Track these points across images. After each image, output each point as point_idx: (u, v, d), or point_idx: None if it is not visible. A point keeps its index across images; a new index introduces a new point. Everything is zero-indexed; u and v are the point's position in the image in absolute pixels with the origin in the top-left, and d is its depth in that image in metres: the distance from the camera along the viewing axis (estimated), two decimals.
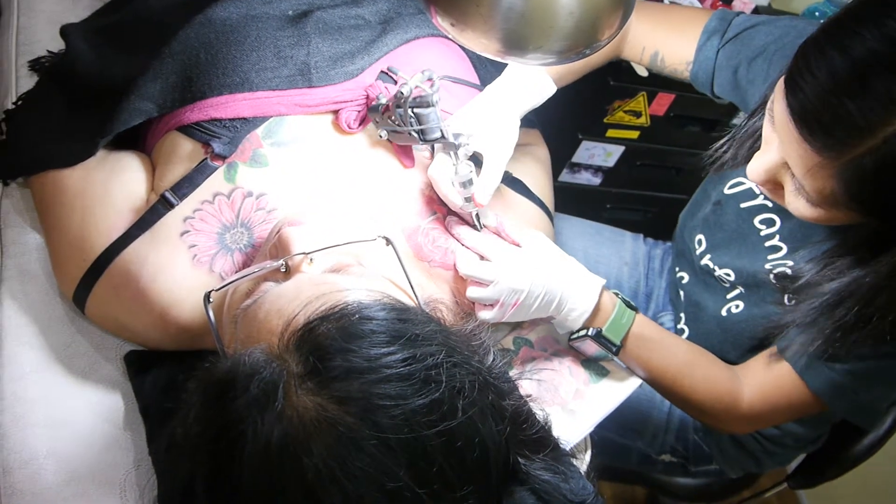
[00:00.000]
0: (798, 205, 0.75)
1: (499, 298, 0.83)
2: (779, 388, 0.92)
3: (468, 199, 0.83)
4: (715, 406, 0.94)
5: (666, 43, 1.03)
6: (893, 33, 0.63)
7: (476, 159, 0.85)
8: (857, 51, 0.64)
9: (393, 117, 0.82)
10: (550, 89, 0.93)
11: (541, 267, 0.85)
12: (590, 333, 0.88)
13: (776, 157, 0.75)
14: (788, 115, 0.68)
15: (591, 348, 0.91)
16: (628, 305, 0.91)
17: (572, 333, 0.91)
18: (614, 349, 0.89)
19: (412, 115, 0.80)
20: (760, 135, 0.80)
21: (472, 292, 0.84)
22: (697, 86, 1.04)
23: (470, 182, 0.82)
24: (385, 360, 0.53)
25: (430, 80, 0.81)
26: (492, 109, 0.88)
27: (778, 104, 0.71)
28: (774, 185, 0.79)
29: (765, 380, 0.93)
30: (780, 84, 0.70)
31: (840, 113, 0.64)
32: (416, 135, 0.81)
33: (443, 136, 0.81)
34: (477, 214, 0.86)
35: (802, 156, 0.69)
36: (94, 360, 0.83)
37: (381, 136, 0.82)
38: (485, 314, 0.85)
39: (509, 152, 0.87)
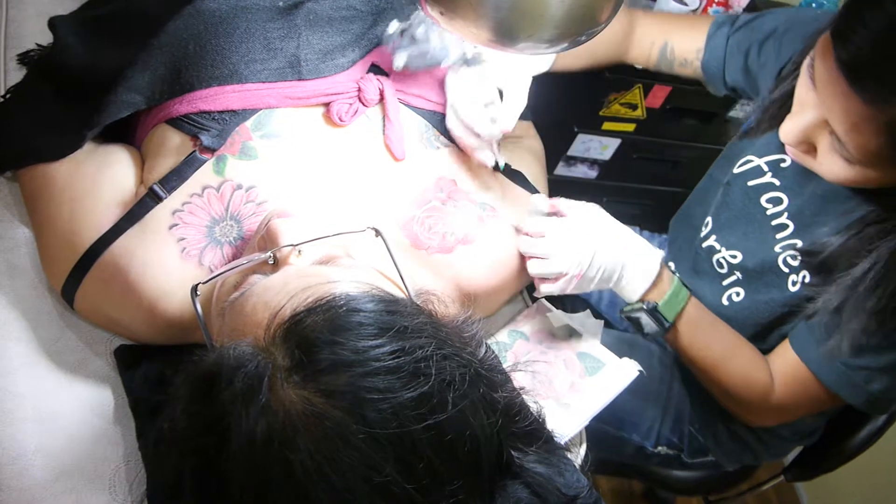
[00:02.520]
0: (832, 165, 0.74)
1: (562, 270, 0.83)
2: (799, 382, 0.92)
3: (492, 122, 0.81)
4: (748, 396, 0.94)
5: (675, 33, 1.04)
6: None
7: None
8: None
9: (414, 34, 0.79)
10: (544, 65, 0.92)
11: (603, 236, 0.85)
12: (646, 307, 0.88)
13: (813, 117, 0.74)
14: (837, 67, 0.68)
15: (642, 321, 0.91)
16: (684, 285, 0.91)
17: (626, 306, 0.90)
18: (667, 325, 0.89)
19: (432, 29, 0.77)
20: (782, 102, 0.79)
21: (533, 267, 0.84)
22: (708, 76, 1.04)
23: (492, 102, 0.80)
24: (373, 352, 0.52)
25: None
26: (504, 61, 0.86)
27: (822, 61, 0.70)
28: (808, 146, 0.78)
29: (786, 373, 0.93)
30: (823, 41, 0.70)
31: (893, 63, 0.64)
32: (437, 52, 0.78)
33: (465, 51, 0.78)
34: (498, 145, 0.84)
35: (849, 110, 0.69)
36: (83, 355, 0.82)
37: (397, 67, 0.80)
38: (546, 287, 0.85)
39: (528, 80, 0.85)
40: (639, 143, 1.63)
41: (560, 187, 1.62)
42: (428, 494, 0.51)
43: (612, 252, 0.85)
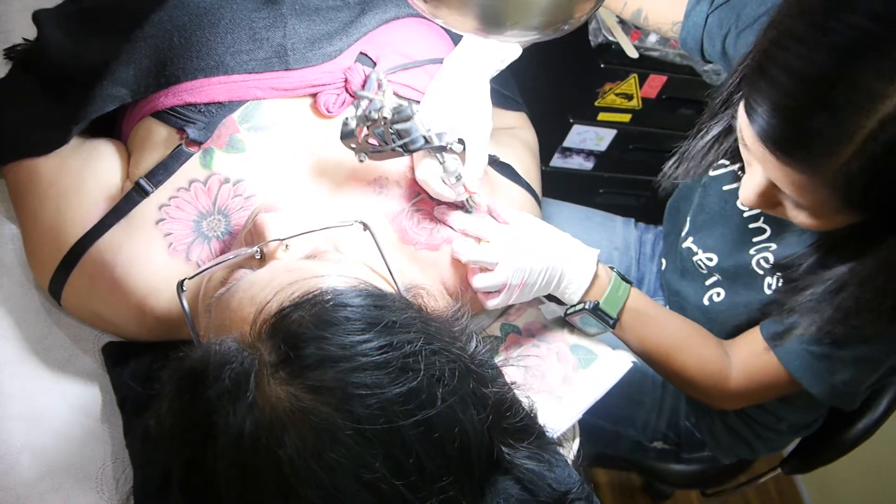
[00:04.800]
0: (801, 218, 0.73)
1: (505, 281, 0.82)
2: (760, 368, 0.92)
3: (459, 189, 0.81)
4: (705, 382, 0.94)
5: (650, 1, 1.01)
6: (836, 43, 0.60)
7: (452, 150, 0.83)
8: (798, 66, 0.62)
9: (371, 139, 0.78)
10: (515, 52, 0.90)
11: (539, 242, 0.84)
12: (587, 307, 0.87)
13: (763, 180, 0.73)
14: (760, 142, 0.66)
15: (587, 322, 0.90)
16: (623, 279, 0.91)
17: (568, 308, 0.90)
18: (611, 322, 0.88)
19: (393, 131, 0.77)
20: (706, 151, 0.78)
21: (479, 281, 0.83)
22: (686, 51, 1.02)
23: (460, 176, 0.80)
24: (360, 347, 0.52)
25: (378, 82, 0.79)
26: (459, 85, 0.84)
27: (746, 131, 0.69)
28: (773, 203, 0.77)
29: (748, 359, 0.93)
30: (742, 112, 0.68)
31: (810, 131, 0.62)
32: (399, 150, 0.78)
33: (427, 143, 0.78)
34: (468, 200, 0.84)
35: (787, 177, 0.68)
36: (71, 352, 0.81)
37: (360, 161, 0.78)
38: (493, 301, 0.84)
39: (489, 127, 0.85)
40: (635, 133, 1.62)
41: (556, 179, 1.62)
42: (417, 491, 0.50)
43: (552, 257, 0.84)
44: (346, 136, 0.78)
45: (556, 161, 1.66)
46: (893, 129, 0.59)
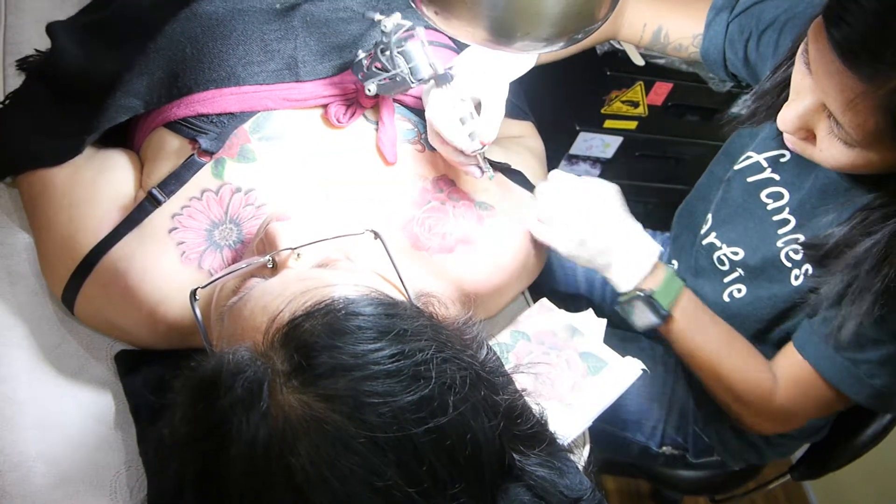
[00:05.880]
0: (833, 150, 0.74)
1: (564, 247, 0.85)
2: (802, 381, 0.91)
3: (472, 137, 0.81)
4: (749, 394, 0.93)
5: (669, 17, 1.01)
6: None
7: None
8: None
9: (378, 64, 0.78)
10: (530, 62, 0.91)
11: (606, 214, 0.86)
12: (641, 295, 0.87)
13: (810, 102, 0.74)
14: (831, 47, 0.67)
15: (637, 311, 0.91)
16: (677, 276, 0.91)
17: (620, 295, 0.90)
18: (664, 312, 0.88)
19: (398, 54, 0.77)
20: (780, 91, 0.78)
21: (538, 232, 0.87)
22: (708, 64, 1.02)
23: (470, 116, 0.79)
24: (372, 356, 0.52)
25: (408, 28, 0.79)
26: (479, 58, 0.85)
27: (815, 43, 0.70)
28: (806, 133, 0.77)
29: (790, 374, 0.92)
30: (816, 24, 0.69)
31: (888, 36, 0.64)
32: (407, 77, 0.77)
33: (434, 71, 0.78)
34: (484, 155, 0.83)
35: (844, 88, 0.68)
36: (84, 361, 0.82)
37: (369, 92, 0.79)
38: (539, 229, 0.88)
39: (505, 91, 0.84)
40: (641, 140, 1.62)
41: None
42: (429, 498, 0.50)
43: (610, 233, 0.86)
44: (357, 67, 0.79)
45: (563, 168, 1.66)
46: None
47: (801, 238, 0.93)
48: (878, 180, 0.81)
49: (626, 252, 0.86)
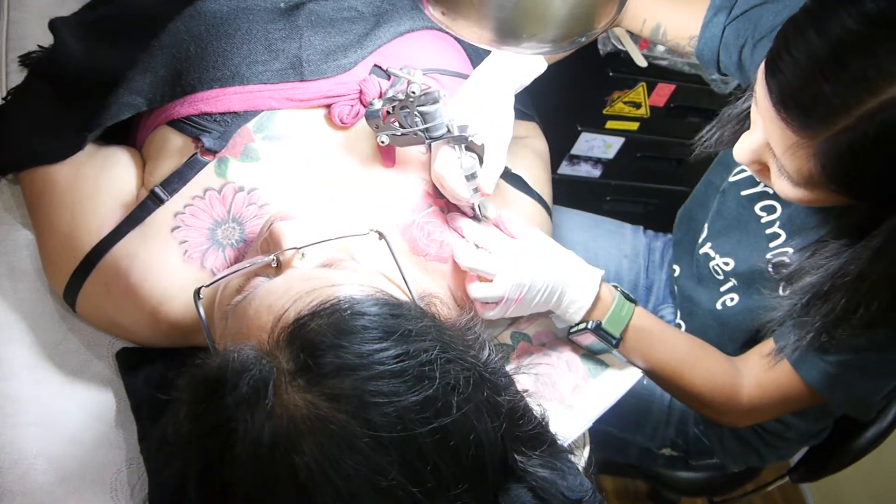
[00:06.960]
0: (782, 186, 0.75)
1: (502, 294, 0.82)
2: (775, 380, 0.91)
3: (475, 191, 0.81)
4: (715, 398, 0.94)
5: (669, 16, 1.01)
6: (871, 12, 0.62)
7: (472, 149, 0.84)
8: (834, 31, 0.63)
9: (395, 120, 0.79)
10: (541, 67, 0.91)
11: (542, 259, 0.84)
12: (589, 326, 0.87)
13: (760, 138, 0.75)
14: (767, 96, 0.68)
15: (590, 341, 0.90)
16: (627, 298, 0.90)
17: (572, 327, 0.90)
18: (614, 342, 0.88)
19: (418, 114, 0.77)
20: (747, 116, 0.79)
21: (475, 291, 0.83)
22: (702, 63, 1.02)
23: (474, 175, 0.80)
24: (377, 356, 0.52)
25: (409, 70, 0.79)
26: (484, 94, 0.86)
27: (759, 86, 0.71)
28: (760, 165, 0.79)
29: (762, 372, 0.93)
30: (762, 66, 0.70)
31: (816, 94, 0.64)
32: (421, 134, 0.78)
33: (449, 132, 0.79)
34: (480, 205, 0.84)
35: (781, 135, 0.69)
36: (85, 358, 0.82)
37: (381, 143, 0.80)
38: (489, 313, 0.84)
39: (509, 136, 0.85)
40: (643, 141, 1.62)
41: (563, 186, 1.62)
42: (433, 498, 0.51)
43: (554, 276, 0.84)
44: (371, 116, 0.79)
45: (564, 168, 1.66)
46: (892, 114, 0.61)
47: (790, 252, 0.93)
48: (838, 209, 0.81)
49: (570, 287, 0.86)
